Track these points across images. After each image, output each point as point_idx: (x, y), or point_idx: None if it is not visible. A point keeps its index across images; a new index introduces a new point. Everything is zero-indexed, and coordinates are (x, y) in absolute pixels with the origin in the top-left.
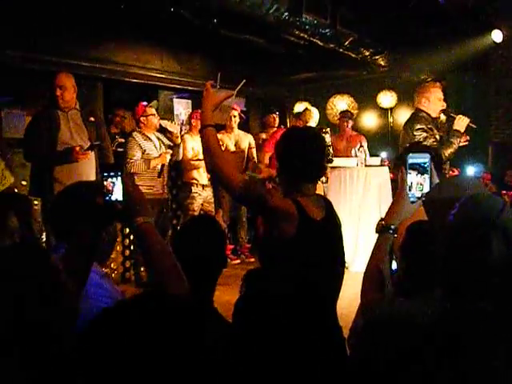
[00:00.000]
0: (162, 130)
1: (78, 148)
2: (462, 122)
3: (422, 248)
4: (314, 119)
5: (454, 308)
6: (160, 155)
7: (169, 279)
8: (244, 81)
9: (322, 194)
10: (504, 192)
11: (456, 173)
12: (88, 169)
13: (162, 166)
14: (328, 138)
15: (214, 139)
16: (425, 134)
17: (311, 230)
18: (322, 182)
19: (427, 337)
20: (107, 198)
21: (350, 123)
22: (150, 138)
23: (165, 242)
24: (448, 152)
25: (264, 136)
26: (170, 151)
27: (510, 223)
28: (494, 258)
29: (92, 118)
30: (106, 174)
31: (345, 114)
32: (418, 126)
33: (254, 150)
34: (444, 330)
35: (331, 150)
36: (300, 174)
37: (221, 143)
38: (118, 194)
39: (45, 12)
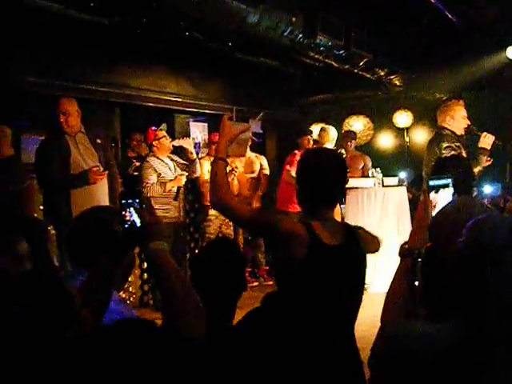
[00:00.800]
0: (176, 149)
1: (95, 169)
2: (487, 140)
3: (436, 271)
4: (331, 138)
5: (471, 337)
6: (175, 178)
7: (181, 304)
8: (261, 114)
9: (340, 215)
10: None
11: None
12: (102, 193)
13: (178, 188)
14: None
15: (222, 173)
16: (454, 153)
17: (322, 254)
18: (340, 204)
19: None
20: (126, 225)
21: (353, 143)
22: (164, 162)
23: (178, 268)
24: (476, 170)
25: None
26: (185, 173)
27: None
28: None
29: (99, 140)
30: (123, 201)
31: (347, 134)
32: (446, 145)
33: (266, 172)
34: (459, 358)
35: None
36: (317, 198)
37: (233, 165)
38: (134, 220)
39: (62, 39)
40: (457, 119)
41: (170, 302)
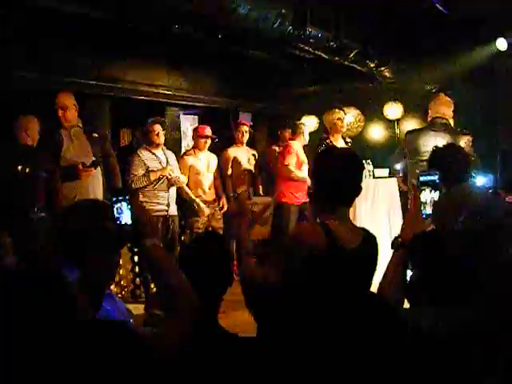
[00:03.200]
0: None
1: (80, 166)
2: None
3: (432, 255)
4: (304, 134)
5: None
6: (161, 169)
7: (178, 298)
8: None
9: None
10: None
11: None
12: (94, 186)
13: (169, 180)
14: None
15: (251, 270)
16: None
17: (339, 256)
18: None
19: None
20: (117, 222)
21: None
22: (155, 155)
23: (173, 262)
24: None
25: (277, 149)
26: (171, 167)
27: None
28: (505, 257)
29: (95, 135)
30: (114, 199)
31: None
32: None
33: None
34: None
35: None
36: (334, 197)
37: (237, 160)
38: (126, 218)
39: (52, 32)
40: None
41: (166, 296)
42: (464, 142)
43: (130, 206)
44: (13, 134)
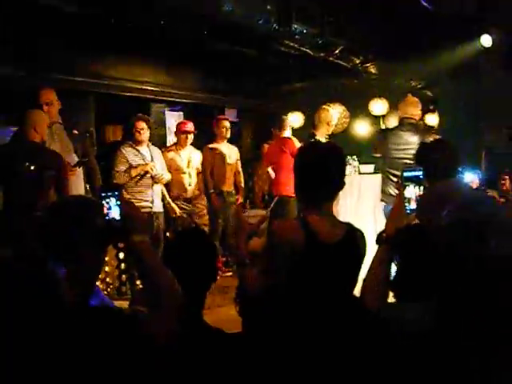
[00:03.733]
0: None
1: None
2: None
3: (416, 248)
4: (288, 128)
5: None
6: (143, 165)
7: (164, 295)
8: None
9: None
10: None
11: None
12: (77, 185)
13: (152, 177)
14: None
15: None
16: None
17: (318, 252)
18: None
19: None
20: (106, 218)
21: None
22: (139, 152)
23: (160, 260)
24: None
25: (267, 147)
26: (153, 163)
27: (503, 218)
28: (492, 253)
29: (75, 131)
30: (103, 195)
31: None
32: None
33: (239, 163)
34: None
35: None
36: (316, 191)
37: (219, 154)
38: (115, 213)
39: (35, 28)
40: None
41: (153, 293)
42: (432, 140)
43: (118, 202)
44: (20, 130)
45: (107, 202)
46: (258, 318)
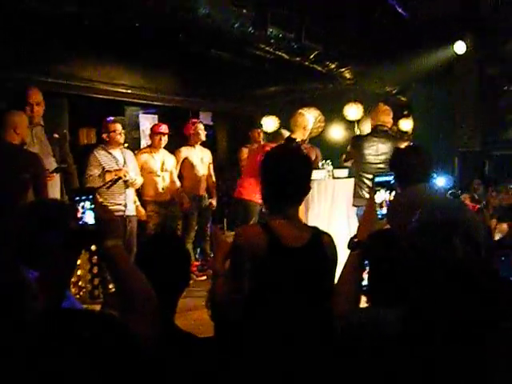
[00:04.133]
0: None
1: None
2: None
3: (386, 253)
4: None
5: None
6: (117, 170)
7: (138, 299)
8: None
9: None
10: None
11: None
12: (53, 189)
13: (125, 181)
14: None
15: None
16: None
17: (281, 256)
18: None
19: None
20: (79, 221)
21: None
22: (112, 155)
23: (134, 264)
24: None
25: (246, 152)
26: (127, 168)
27: (470, 222)
28: (458, 256)
29: (56, 135)
30: (77, 198)
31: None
32: None
33: (211, 166)
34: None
35: None
36: (280, 196)
37: (189, 159)
38: (88, 217)
39: (8, 28)
40: None
41: (127, 297)
42: (405, 146)
43: (92, 205)
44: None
45: (82, 206)
46: (227, 323)
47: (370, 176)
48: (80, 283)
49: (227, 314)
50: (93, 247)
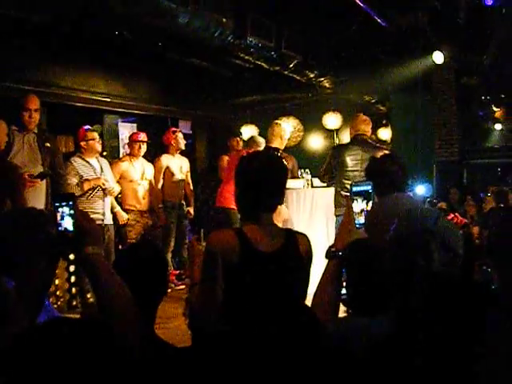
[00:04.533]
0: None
1: (26, 175)
2: None
3: (364, 263)
4: (260, 148)
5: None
6: (95, 178)
7: (118, 308)
8: None
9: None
10: (452, 216)
11: None
12: (35, 196)
13: (104, 190)
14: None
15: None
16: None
17: (254, 261)
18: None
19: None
20: (58, 228)
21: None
22: (89, 163)
23: (114, 272)
24: None
25: (227, 159)
26: (105, 177)
27: (447, 231)
28: (436, 265)
29: (48, 144)
30: (57, 204)
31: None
32: None
33: (189, 175)
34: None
35: None
36: (254, 202)
37: (169, 168)
38: (68, 224)
39: None
40: None
41: (106, 306)
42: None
43: (73, 212)
44: None
45: (61, 212)
46: (203, 331)
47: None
48: (58, 293)
49: (203, 322)
50: (71, 256)
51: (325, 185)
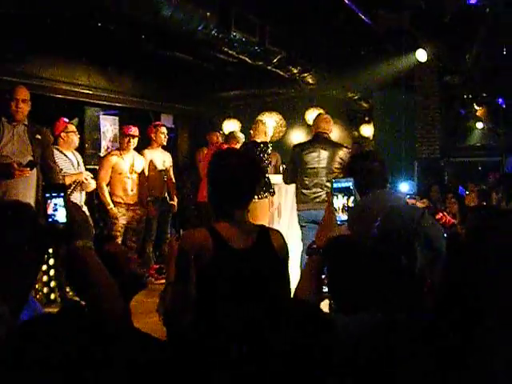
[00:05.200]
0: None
1: (15, 164)
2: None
3: (346, 260)
4: (239, 143)
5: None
6: (78, 173)
7: (106, 301)
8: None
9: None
10: (441, 216)
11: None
12: (26, 187)
13: (81, 185)
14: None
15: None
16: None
17: (228, 258)
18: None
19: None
20: (49, 219)
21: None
22: (67, 157)
23: (102, 265)
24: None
25: (205, 151)
26: (87, 172)
27: (430, 229)
28: (420, 263)
29: (38, 136)
30: (47, 195)
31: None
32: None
33: (171, 169)
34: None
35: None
36: (227, 200)
37: (152, 162)
38: (59, 216)
39: None
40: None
41: (95, 300)
42: (342, 152)
43: (64, 204)
44: None
45: (54, 203)
46: (177, 328)
47: (308, 180)
48: (36, 286)
49: (176, 320)
50: (50, 250)
51: None
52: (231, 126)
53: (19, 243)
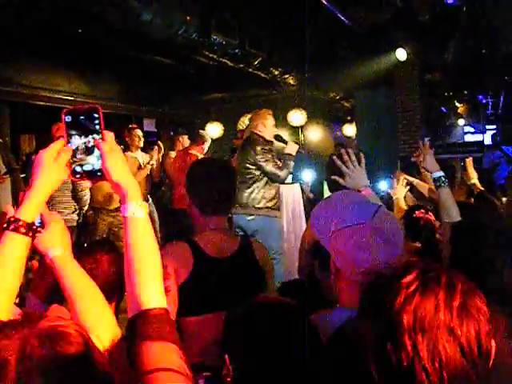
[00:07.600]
0: None
1: None
2: (293, 147)
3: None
4: (207, 142)
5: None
6: None
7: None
8: None
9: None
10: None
11: None
12: (4, 194)
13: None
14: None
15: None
16: (269, 155)
17: (207, 268)
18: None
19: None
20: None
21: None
22: None
23: (82, 270)
24: (286, 173)
25: (173, 155)
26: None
27: (385, 223)
28: (377, 256)
29: (0, 140)
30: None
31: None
32: (261, 147)
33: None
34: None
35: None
36: (205, 209)
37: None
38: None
39: None
40: (268, 127)
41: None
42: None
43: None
44: None
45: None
46: None
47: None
48: None
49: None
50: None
51: (290, 182)
52: (214, 128)
53: None
